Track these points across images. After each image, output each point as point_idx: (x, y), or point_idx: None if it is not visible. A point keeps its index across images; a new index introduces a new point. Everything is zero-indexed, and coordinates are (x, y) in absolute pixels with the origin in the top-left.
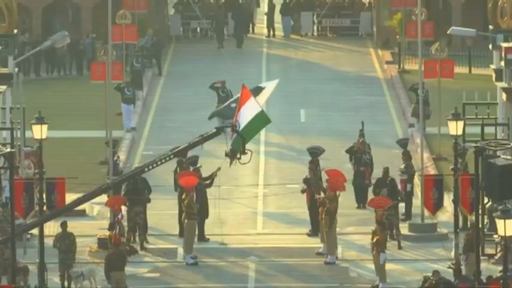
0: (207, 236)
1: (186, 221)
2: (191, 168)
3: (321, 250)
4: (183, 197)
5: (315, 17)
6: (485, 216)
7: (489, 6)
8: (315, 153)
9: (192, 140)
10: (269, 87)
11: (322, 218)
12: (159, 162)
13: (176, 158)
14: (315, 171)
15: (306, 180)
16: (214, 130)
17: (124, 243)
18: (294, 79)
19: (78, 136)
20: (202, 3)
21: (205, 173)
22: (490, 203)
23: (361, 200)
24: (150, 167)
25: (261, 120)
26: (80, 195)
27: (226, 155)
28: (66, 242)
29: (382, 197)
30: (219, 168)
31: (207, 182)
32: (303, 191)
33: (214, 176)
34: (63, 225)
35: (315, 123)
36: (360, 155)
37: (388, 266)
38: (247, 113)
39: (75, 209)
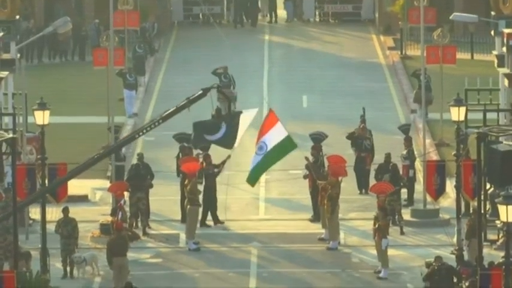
0: (208, 223)
1: (188, 206)
2: (195, 153)
3: (323, 236)
4: (186, 182)
5: (317, 2)
6: (487, 202)
7: None
8: (317, 139)
9: (179, 104)
10: (249, 114)
11: (324, 204)
12: (148, 128)
13: (179, 144)
14: (317, 157)
15: (308, 166)
16: (200, 92)
17: (126, 229)
18: (296, 65)
19: (80, 122)
20: None
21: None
22: (492, 189)
23: (362, 186)
24: (141, 133)
25: (287, 145)
26: (82, 180)
27: (213, 117)
28: (68, 228)
29: (384, 183)
30: (229, 156)
31: (218, 170)
32: (305, 177)
33: (221, 167)
34: (65, 210)
35: (317, 109)
36: (360, 140)
37: (390, 252)
38: (274, 137)
39: (77, 194)
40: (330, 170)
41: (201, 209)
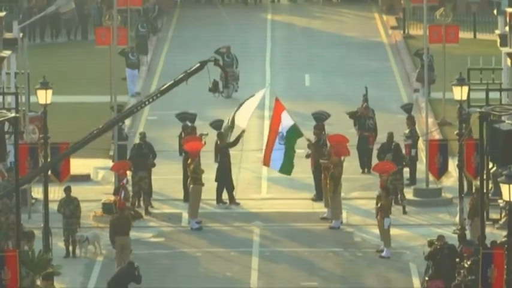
0: (225, 200)
1: (191, 186)
2: (198, 133)
3: (325, 215)
4: (189, 162)
5: None
6: (490, 181)
7: None
8: (319, 118)
9: (177, 77)
10: (257, 95)
11: (326, 183)
12: (146, 102)
13: (181, 123)
14: (320, 136)
15: (311, 145)
16: (198, 65)
17: (129, 208)
18: (299, 44)
19: (82, 101)
20: None
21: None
22: (494, 168)
23: (365, 165)
24: (139, 107)
25: (295, 134)
26: (84, 159)
27: (210, 90)
28: (70, 207)
29: (387, 162)
30: (243, 131)
31: (233, 145)
32: (307, 156)
33: (240, 137)
34: (67, 190)
35: (319, 88)
36: (363, 120)
37: (393, 231)
38: (285, 125)
39: (80, 173)
40: (333, 149)
41: (203, 188)
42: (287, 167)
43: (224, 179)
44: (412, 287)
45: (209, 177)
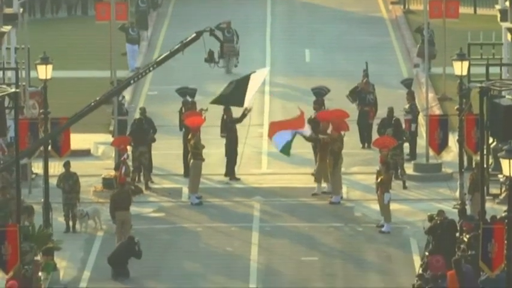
0: (237, 176)
1: (191, 161)
2: (198, 108)
3: (315, 191)
4: (189, 137)
5: None
6: (490, 156)
7: None
8: (319, 93)
9: (173, 48)
10: (260, 74)
11: (324, 159)
12: (143, 73)
13: (181, 98)
14: (319, 111)
15: (310, 121)
16: (194, 35)
17: (129, 183)
18: (299, 19)
19: (83, 76)
20: None
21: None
22: (494, 143)
23: (365, 140)
24: (136, 79)
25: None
26: (85, 134)
27: (206, 60)
28: (69, 182)
29: (387, 137)
30: (245, 109)
31: (238, 121)
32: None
33: (246, 114)
34: (66, 165)
35: (319, 64)
36: (364, 95)
37: (393, 206)
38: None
39: (80, 148)
40: (333, 125)
41: (203, 163)
42: (287, 150)
43: (231, 154)
44: (412, 261)
45: (210, 152)
